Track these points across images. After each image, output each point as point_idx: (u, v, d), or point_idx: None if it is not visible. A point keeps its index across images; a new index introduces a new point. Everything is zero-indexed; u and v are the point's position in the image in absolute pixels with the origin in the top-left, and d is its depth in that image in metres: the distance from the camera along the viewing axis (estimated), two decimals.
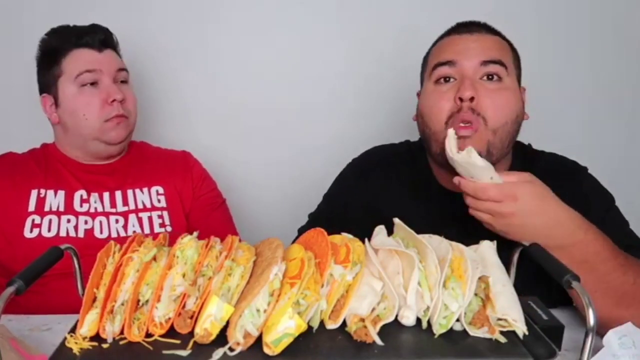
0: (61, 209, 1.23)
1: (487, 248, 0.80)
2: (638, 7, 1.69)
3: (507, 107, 1.02)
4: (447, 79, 1.05)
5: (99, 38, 1.25)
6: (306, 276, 0.68)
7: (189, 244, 0.75)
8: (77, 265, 0.80)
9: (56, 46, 1.24)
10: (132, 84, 1.34)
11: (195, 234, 0.78)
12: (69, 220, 1.22)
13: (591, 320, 0.62)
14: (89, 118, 1.23)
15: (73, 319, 0.73)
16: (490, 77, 1.03)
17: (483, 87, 1.02)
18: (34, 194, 1.23)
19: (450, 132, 0.95)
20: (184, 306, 0.70)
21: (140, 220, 1.27)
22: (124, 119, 1.26)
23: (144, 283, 0.72)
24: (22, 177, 1.25)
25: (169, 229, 1.28)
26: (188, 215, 1.35)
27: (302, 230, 1.22)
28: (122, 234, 1.24)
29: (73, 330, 0.70)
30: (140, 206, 1.29)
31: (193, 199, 1.36)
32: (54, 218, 1.21)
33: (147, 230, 1.26)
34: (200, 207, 1.37)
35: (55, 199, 1.24)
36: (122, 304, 0.71)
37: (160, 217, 1.29)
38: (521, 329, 0.69)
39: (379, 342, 0.67)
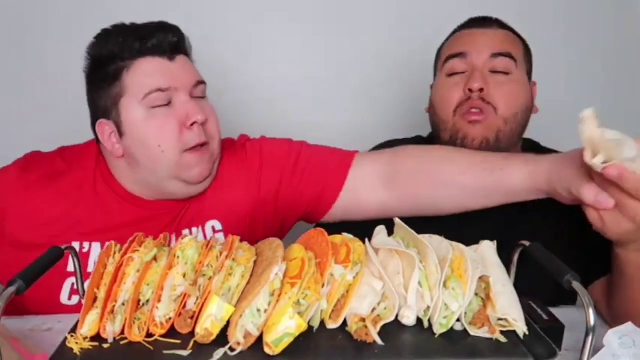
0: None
1: (487, 248, 0.80)
2: None
3: (517, 98, 1.06)
4: (457, 72, 1.09)
5: (170, 41, 0.95)
6: (307, 276, 0.68)
7: (189, 244, 0.75)
8: (77, 266, 0.80)
9: (114, 53, 0.93)
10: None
11: (194, 233, 0.78)
12: None
13: (591, 320, 0.62)
14: (165, 149, 0.93)
15: (73, 319, 0.73)
16: (499, 70, 1.06)
17: (492, 79, 1.06)
18: (75, 247, 0.86)
19: (587, 112, 0.72)
20: (184, 306, 0.70)
21: None
22: (206, 147, 0.97)
23: (145, 283, 0.72)
24: (60, 216, 0.96)
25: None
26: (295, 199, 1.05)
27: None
28: None
29: (73, 330, 0.71)
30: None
31: (278, 187, 1.05)
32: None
33: None
34: (293, 178, 1.05)
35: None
36: (123, 304, 0.71)
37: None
38: (521, 328, 0.69)
39: (379, 342, 0.67)
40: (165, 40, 0.94)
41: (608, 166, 0.68)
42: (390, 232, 0.86)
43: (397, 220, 0.85)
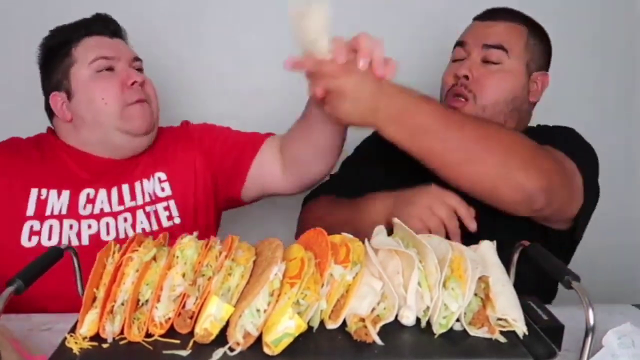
0: (64, 212, 1.11)
1: (487, 248, 0.80)
2: None
3: (500, 88, 1.15)
4: (459, 58, 1.21)
5: (110, 27, 1.17)
6: (306, 276, 0.68)
7: (188, 244, 0.75)
8: (77, 266, 0.80)
9: (65, 39, 1.14)
10: None
11: (195, 233, 0.78)
12: (71, 227, 1.10)
13: (591, 320, 0.62)
14: (109, 102, 1.11)
15: (73, 318, 0.72)
16: (490, 60, 1.16)
17: (483, 69, 1.16)
18: (33, 194, 1.10)
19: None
20: (183, 306, 0.70)
21: (148, 215, 1.16)
22: (146, 104, 1.15)
23: (144, 283, 0.72)
24: (22, 172, 1.12)
25: (177, 220, 1.17)
26: (228, 176, 1.22)
27: (308, 197, 1.34)
28: (130, 233, 1.13)
29: (73, 330, 0.70)
30: (147, 199, 1.17)
31: (215, 162, 1.23)
32: (55, 224, 1.09)
33: (155, 227, 1.16)
34: (228, 156, 1.23)
35: (58, 201, 1.11)
36: (122, 304, 0.71)
37: (167, 208, 1.18)
38: (521, 329, 0.69)
39: (379, 342, 0.67)
40: (106, 25, 1.17)
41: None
42: (390, 232, 0.86)
43: (396, 220, 0.85)
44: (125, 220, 1.14)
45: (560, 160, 1.04)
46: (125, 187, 1.17)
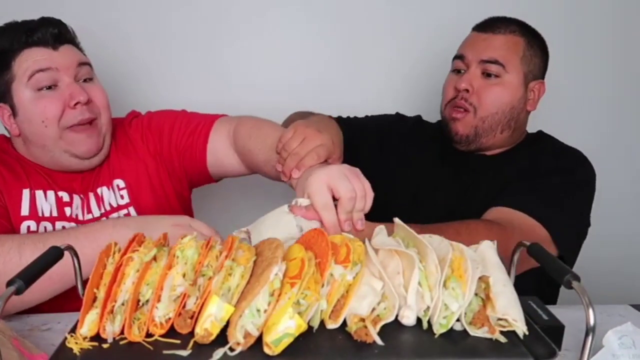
0: (54, 213, 1.09)
1: (487, 248, 0.80)
2: None
3: (498, 100, 1.22)
4: (459, 70, 1.27)
5: (51, 33, 1.08)
6: (306, 276, 0.68)
7: (189, 244, 0.75)
8: (77, 265, 0.79)
9: (4, 48, 1.07)
10: (99, 78, 1.17)
11: (195, 233, 0.78)
12: (63, 228, 1.09)
13: (591, 320, 0.62)
14: (49, 125, 1.06)
15: (73, 318, 0.72)
16: (488, 73, 1.21)
17: (480, 82, 1.22)
18: (26, 194, 1.08)
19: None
20: (184, 306, 0.70)
21: None
22: (93, 128, 1.10)
23: (144, 283, 0.71)
24: (8, 170, 1.10)
25: None
26: (183, 157, 1.22)
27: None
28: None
29: (73, 330, 0.70)
30: (107, 208, 1.16)
31: (169, 148, 1.22)
32: (49, 226, 1.09)
33: None
34: (181, 140, 1.22)
35: (46, 202, 1.10)
36: (123, 304, 0.70)
37: (127, 215, 1.16)
38: (521, 328, 0.69)
39: (379, 342, 0.67)
40: (47, 33, 1.08)
41: None
42: (390, 232, 0.86)
43: (396, 220, 0.85)
44: None
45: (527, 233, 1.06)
46: (91, 196, 1.16)
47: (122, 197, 1.18)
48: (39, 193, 1.10)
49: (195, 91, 1.68)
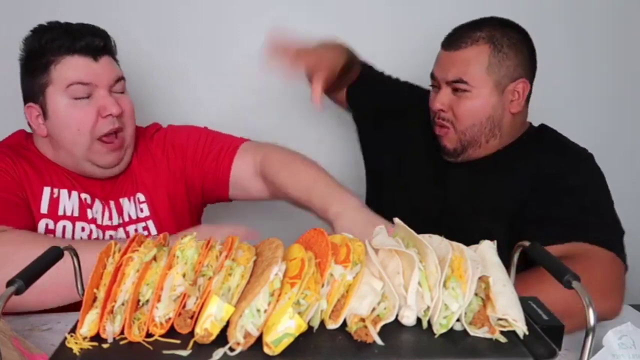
0: (75, 214, 1.10)
1: (487, 248, 0.80)
2: None
3: (472, 113, 1.22)
4: (434, 86, 1.29)
5: (97, 44, 1.09)
6: (306, 276, 0.68)
7: (189, 244, 0.75)
8: (77, 265, 0.79)
9: (45, 50, 1.07)
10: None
11: (195, 233, 0.78)
12: (83, 229, 1.10)
13: (591, 320, 0.62)
14: (83, 132, 1.10)
15: (73, 318, 0.72)
16: (459, 88, 1.21)
17: (452, 99, 1.23)
18: (46, 192, 1.10)
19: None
20: (184, 306, 0.70)
21: (127, 234, 1.18)
22: (119, 141, 1.14)
23: (144, 283, 0.71)
24: (30, 166, 1.11)
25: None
26: (204, 180, 1.26)
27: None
28: None
29: (73, 330, 0.70)
30: (126, 219, 1.19)
31: (192, 168, 1.25)
32: (68, 225, 1.10)
33: None
34: (204, 161, 1.25)
35: (69, 201, 1.11)
36: (122, 304, 0.70)
37: (145, 228, 1.20)
38: (521, 328, 0.69)
39: (379, 342, 0.67)
40: (93, 43, 1.09)
41: None
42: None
43: (397, 220, 0.85)
44: (111, 237, 1.15)
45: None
46: (112, 204, 1.18)
47: (141, 210, 1.22)
48: (63, 192, 1.12)
49: (200, 90, 1.69)
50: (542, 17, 1.68)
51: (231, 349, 0.66)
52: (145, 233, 1.19)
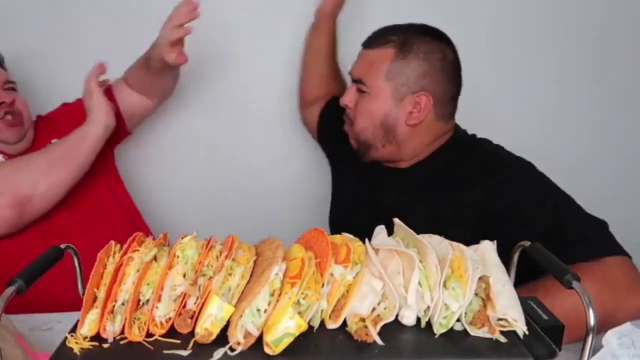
0: None
1: (487, 248, 0.80)
2: None
3: (365, 114, 1.21)
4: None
5: None
6: (307, 276, 0.69)
7: (189, 244, 0.75)
8: (77, 265, 0.80)
9: None
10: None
11: (195, 233, 0.79)
12: None
13: (591, 320, 0.62)
14: None
15: (73, 318, 0.73)
16: (359, 89, 1.21)
17: (355, 98, 1.23)
18: None
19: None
20: (184, 306, 0.70)
21: None
22: (12, 115, 1.30)
23: (145, 283, 0.72)
24: None
25: None
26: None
27: None
28: None
29: (73, 330, 0.70)
30: None
31: None
32: None
33: None
34: None
35: None
36: (123, 304, 0.71)
37: None
38: (521, 328, 0.69)
39: (379, 341, 0.67)
40: None
41: None
42: (390, 232, 0.86)
43: (396, 221, 0.85)
44: None
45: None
46: None
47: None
48: None
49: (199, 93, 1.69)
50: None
51: (231, 349, 0.66)
52: None
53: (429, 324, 0.71)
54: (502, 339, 0.68)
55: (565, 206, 1.07)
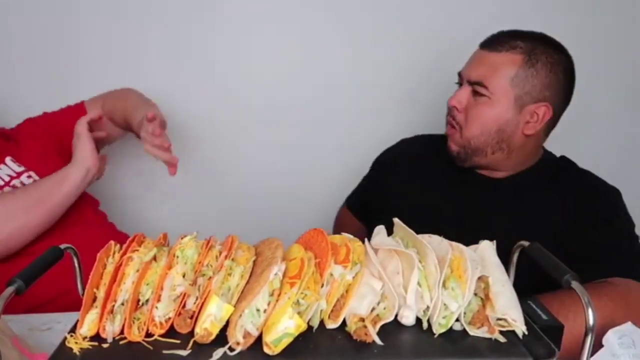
0: None
1: (487, 248, 0.80)
2: None
3: (481, 121, 1.16)
4: (460, 84, 1.22)
5: None
6: (306, 276, 0.69)
7: (189, 244, 0.75)
8: (77, 265, 0.80)
9: None
10: None
11: (194, 233, 0.79)
12: None
13: (591, 320, 0.62)
14: None
15: (73, 318, 0.73)
16: (479, 92, 1.15)
17: (469, 101, 1.18)
18: None
19: None
20: (184, 306, 0.70)
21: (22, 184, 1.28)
22: None
23: (144, 283, 0.72)
24: None
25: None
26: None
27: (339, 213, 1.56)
28: None
29: (73, 330, 0.71)
30: (7, 179, 1.28)
31: (55, 132, 1.40)
32: None
33: None
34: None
35: None
36: (122, 304, 0.71)
37: (29, 177, 1.30)
38: (521, 328, 0.69)
39: (378, 341, 0.67)
40: None
41: None
42: (390, 232, 0.86)
43: (396, 220, 0.85)
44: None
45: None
46: None
47: (19, 166, 1.33)
48: None
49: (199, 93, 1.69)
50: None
51: (231, 349, 0.66)
52: (31, 180, 1.29)
53: (428, 323, 0.71)
54: (502, 339, 0.68)
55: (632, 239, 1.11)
